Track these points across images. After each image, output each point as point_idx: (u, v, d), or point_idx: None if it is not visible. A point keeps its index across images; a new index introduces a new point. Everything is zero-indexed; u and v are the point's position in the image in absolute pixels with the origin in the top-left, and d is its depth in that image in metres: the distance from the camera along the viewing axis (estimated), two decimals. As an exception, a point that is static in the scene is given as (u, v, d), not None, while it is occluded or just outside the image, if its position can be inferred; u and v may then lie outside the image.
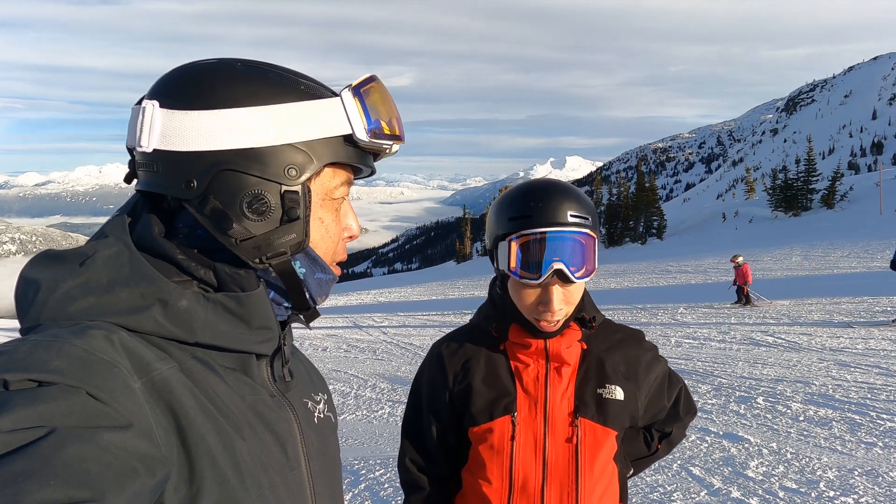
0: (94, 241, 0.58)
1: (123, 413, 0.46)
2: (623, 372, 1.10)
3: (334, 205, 0.64)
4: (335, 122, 0.60)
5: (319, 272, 0.64)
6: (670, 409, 1.21)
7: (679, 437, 1.26)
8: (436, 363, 1.15)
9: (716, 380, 5.91)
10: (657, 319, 9.99)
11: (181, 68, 0.60)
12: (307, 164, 0.59)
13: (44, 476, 0.39)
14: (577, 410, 1.06)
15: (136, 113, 0.58)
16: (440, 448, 1.15)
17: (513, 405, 1.06)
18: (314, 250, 0.63)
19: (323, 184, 0.62)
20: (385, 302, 20.22)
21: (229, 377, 0.59)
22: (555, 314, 1.02)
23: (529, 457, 1.05)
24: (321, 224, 0.63)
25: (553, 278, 1.00)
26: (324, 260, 0.64)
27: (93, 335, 0.49)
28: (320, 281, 0.64)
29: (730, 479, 3.59)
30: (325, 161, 0.60)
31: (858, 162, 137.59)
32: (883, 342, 7.06)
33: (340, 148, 0.61)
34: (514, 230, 1.01)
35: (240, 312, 0.58)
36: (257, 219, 0.58)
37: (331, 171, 0.62)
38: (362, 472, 4.14)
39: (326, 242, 0.64)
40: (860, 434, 4.25)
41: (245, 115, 0.56)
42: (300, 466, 0.63)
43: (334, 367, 8.60)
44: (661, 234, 38.35)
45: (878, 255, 16.33)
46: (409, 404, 1.20)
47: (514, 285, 1.05)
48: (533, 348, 1.08)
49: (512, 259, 1.00)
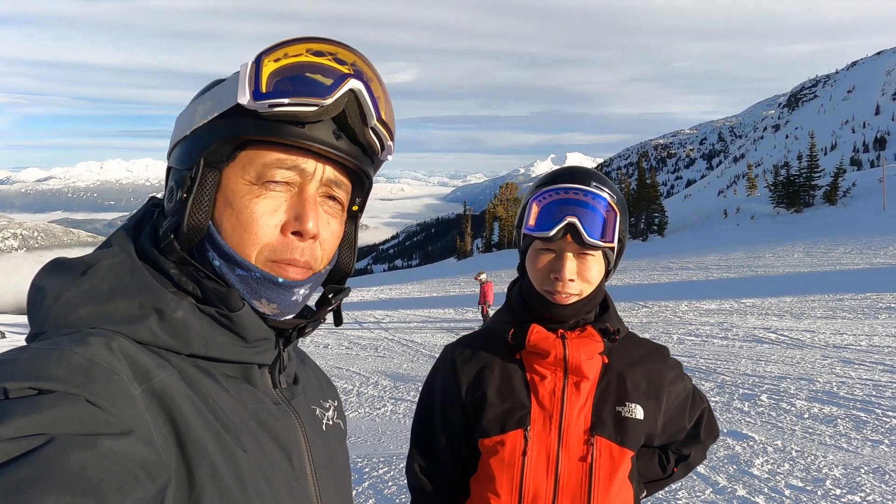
0: (99, 250, 0.58)
1: (123, 420, 0.46)
2: (644, 389, 1.07)
3: (258, 191, 0.56)
4: (226, 96, 0.56)
5: (238, 269, 0.57)
6: (690, 430, 1.18)
7: (698, 460, 1.21)
8: (449, 370, 1.13)
9: (719, 377, 5.89)
10: (659, 317, 9.99)
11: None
12: (201, 144, 0.57)
13: (45, 484, 0.39)
14: (594, 428, 1.03)
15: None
16: (450, 455, 1.12)
17: (526, 419, 1.03)
18: (224, 241, 0.57)
19: (242, 166, 0.57)
20: (386, 299, 20.23)
21: (231, 385, 0.58)
22: (566, 284, 1.00)
23: (541, 473, 1.02)
24: (231, 211, 0.56)
25: (568, 243, 0.99)
26: (238, 253, 0.56)
27: (93, 342, 0.49)
28: (244, 279, 0.57)
29: (735, 477, 3.58)
30: (218, 137, 0.56)
31: (861, 158, 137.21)
32: (887, 339, 7.04)
33: (239, 121, 0.56)
34: (538, 192, 1.03)
35: (233, 327, 0.57)
36: (169, 207, 0.59)
37: (253, 151, 0.57)
38: (366, 471, 4.13)
39: (238, 233, 0.56)
40: (866, 431, 4.24)
41: (181, 117, 0.61)
42: (306, 475, 0.62)
43: (336, 365, 8.61)
44: (662, 231, 38.32)
45: (882, 251, 16.28)
46: (420, 409, 1.18)
47: (531, 255, 1.05)
48: (551, 358, 1.04)
49: (531, 217, 1.02)
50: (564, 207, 0.99)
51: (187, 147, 0.59)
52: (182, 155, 0.59)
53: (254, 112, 0.55)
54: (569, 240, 0.99)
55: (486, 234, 54.34)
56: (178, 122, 0.62)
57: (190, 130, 0.59)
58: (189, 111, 0.60)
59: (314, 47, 0.57)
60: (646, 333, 8.26)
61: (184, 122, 0.60)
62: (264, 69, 0.55)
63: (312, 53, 0.56)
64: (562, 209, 0.99)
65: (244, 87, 0.55)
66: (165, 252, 0.58)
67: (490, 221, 53.84)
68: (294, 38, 0.57)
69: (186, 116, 0.60)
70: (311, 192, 0.58)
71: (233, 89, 0.56)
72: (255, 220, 0.56)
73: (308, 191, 0.58)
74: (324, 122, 0.57)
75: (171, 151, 0.62)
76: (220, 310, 0.56)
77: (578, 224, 0.97)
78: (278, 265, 0.57)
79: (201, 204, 0.57)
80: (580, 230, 0.98)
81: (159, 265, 0.57)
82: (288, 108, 0.55)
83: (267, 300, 0.58)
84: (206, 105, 0.58)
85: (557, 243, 1.01)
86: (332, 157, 0.59)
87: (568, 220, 0.98)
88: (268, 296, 0.58)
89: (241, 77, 0.56)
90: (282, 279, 0.58)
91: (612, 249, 1.03)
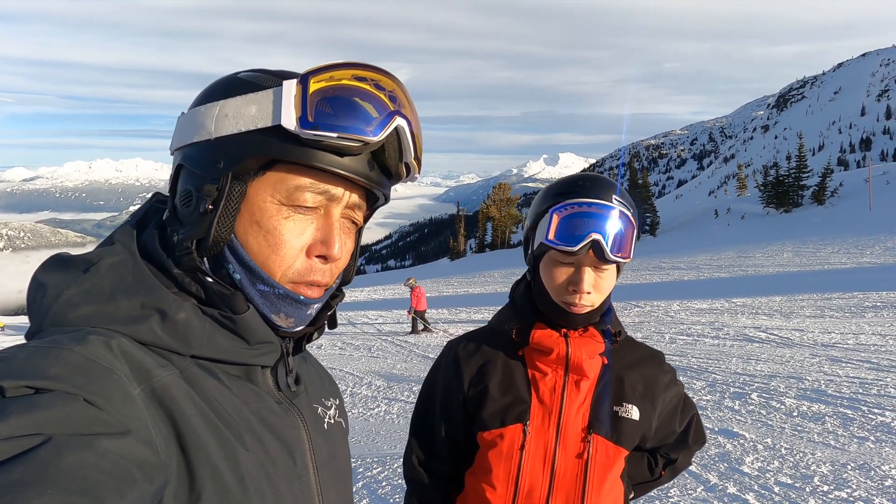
0: (101, 247, 0.57)
1: (121, 419, 0.46)
2: (640, 391, 1.09)
3: (287, 212, 0.57)
4: (264, 112, 0.55)
5: (261, 284, 0.57)
6: (680, 435, 1.20)
7: (684, 465, 1.24)
8: (451, 364, 1.14)
9: (710, 376, 5.94)
10: (651, 316, 10.05)
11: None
12: (234, 157, 0.55)
13: (41, 484, 0.39)
14: (591, 426, 1.05)
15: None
16: (448, 448, 1.14)
17: (526, 414, 1.05)
18: (251, 258, 0.57)
19: (272, 184, 0.56)
20: (379, 299, 20.18)
21: (233, 384, 0.58)
22: (583, 296, 1.01)
23: (537, 467, 1.04)
24: (258, 230, 0.56)
25: (587, 257, 1.00)
26: (264, 271, 0.57)
27: (92, 341, 0.49)
28: (265, 294, 0.57)
29: (726, 475, 3.62)
30: (252, 154, 0.55)
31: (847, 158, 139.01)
32: (873, 337, 7.14)
33: (277, 142, 0.54)
34: (558, 202, 1.03)
35: (236, 330, 0.57)
36: (184, 213, 0.58)
37: (284, 173, 0.56)
38: (360, 471, 4.13)
39: (267, 252, 0.56)
40: (853, 429, 4.30)
41: (198, 112, 0.58)
42: (308, 474, 0.62)
43: (329, 365, 8.58)
44: (653, 231, 38.57)
45: (868, 251, 16.51)
46: (421, 402, 1.19)
47: (547, 264, 1.04)
48: (553, 355, 1.06)
49: (552, 230, 1.01)
50: (588, 222, 0.99)
51: (211, 153, 0.56)
52: (203, 160, 0.56)
53: (293, 135, 0.54)
54: (590, 254, 1.00)
55: (480, 235, 54.38)
56: (193, 118, 0.58)
57: (214, 135, 0.56)
58: (209, 111, 0.57)
59: (359, 73, 0.56)
60: (638, 333, 8.31)
61: (202, 121, 0.57)
62: (311, 94, 0.54)
63: (356, 79, 0.56)
64: (585, 224, 0.99)
65: (289, 109, 0.54)
66: (179, 260, 0.57)
67: (483, 222, 53.88)
68: (340, 62, 0.57)
69: (206, 116, 0.57)
70: (336, 217, 0.59)
71: (272, 106, 0.54)
72: (284, 243, 0.57)
73: (334, 215, 0.59)
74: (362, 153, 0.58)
75: (180, 147, 0.59)
76: (224, 312, 0.56)
77: (602, 242, 0.98)
78: (300, 286, 0.58)
79: (227, 218, 0.56)
80: (604, 247, 0.98)
81: (163, 265, 0.57)
82: (334, 142, 0.54)
83: (285, 315, 0.59)
84: (236, 111, 0.55)
85: (578, 257, 1.01)
86: (361, 185, 0.59)
87: (593, 238, 0.98)
88: (286, 311, 0.59)
89: (284, 95, 0.54)
90: (303, 297, 0.59)
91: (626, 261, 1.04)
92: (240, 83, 0.58)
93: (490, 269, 24.23)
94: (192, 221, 0.56)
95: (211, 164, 0.56)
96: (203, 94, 0.59)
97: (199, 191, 0.56)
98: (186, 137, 0.58)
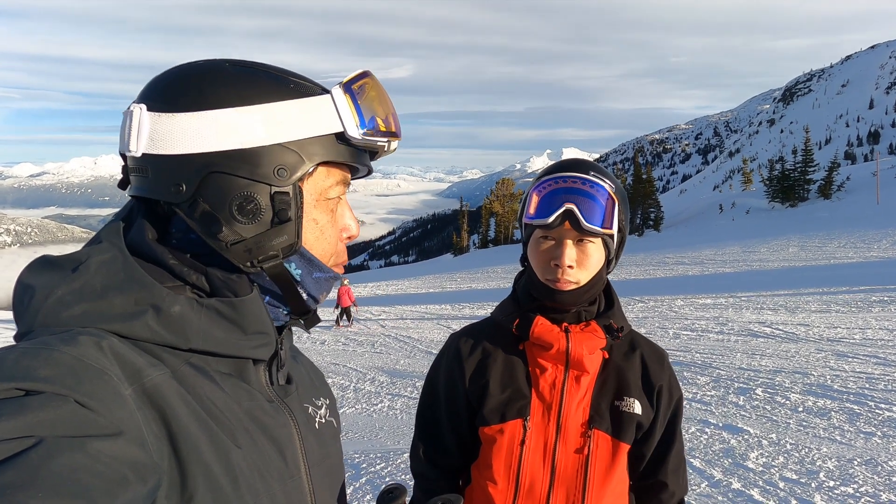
0: (88, 246, 0.57)
1: (113, 421, 0.45)
2: (641, 386, 1.09)
3: (329, 205, 0.63)
4: (326, 120, 0.59)
5: (317, 272, 0.63)
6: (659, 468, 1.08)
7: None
8: (453, 357, 1.14)
9: (714, 371, 5.92)
10: (655, 311, 10.03)
11: (169, 71, 0.59)
12: (298, 165, 0.58)
13: (33, 487, 0.38)
14: (592, 421, 1.04)
15: (125, 117, 0.58)
16: (454, 441, 1.14)
17: (526, 409, 1.05)
18: (310, 252, 0.62)
19: (316, 184, 0.61)
20: (382, 295, 20.22)
21: (225, 383, 0.58)
22: (565, 271, 1.02)
23: (538, 463, 1.03)
24: (315, 225, 0.62)
25: (567, 230, 1.01)
26: (321, 261, 0.63)
27: (82, 342, 0.48)
28: (318, 280, 0.64)
29: (730, 471, 3.61)
30: (316, 160, 0.59)
31: (855, 152, 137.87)
32: (880, 332, 7.09)
33: (332, 147, 0.60)
34: (539, 182, 1.06)
35: (234, 318, 0.57)
36: (247, 221, 0.57)
37: (324, 171, 0.61)
38: (363, 466, 4.14)
39: (322, 244, 0.63)
40: (859, 424, 4.27)
41: (232, 116, 0.56)
42: (300, 473, 0.62)
43: (333, 361, 8.61)
44: (658, 226, 38.43)
45: (875, 245, 16.39)
46: (424, 395, 1.19)
47: (532, 245, 1.07)
48: (554, 351, 1.05)
49: (531, 206, 1.04)
50: (563, 196, 1.01)
51: (271, 158, 0.56)
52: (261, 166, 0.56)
53: (347, 140, 0.60)
54: (567, 227, 1.01)
55: (483, 230, 54.36)
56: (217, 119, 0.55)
57: (270, 142, 0.56)
58: (249, 116, 0.55)
59: (366, 81, 0.63)
60: (642, 328, 8.29)
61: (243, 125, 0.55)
62: (362, 102, 0.61)
63: (369, 87, 0.63)
64: (560, 197, 1.02)
65: (349, 117, 0.59)
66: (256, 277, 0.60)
67: (486, 217, 53.85)
68: (360, 72, 0.63)
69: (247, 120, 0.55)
70: (347, 201, 0.67)
71: (335, 114, 0.59)
72: (332, 234, 0.64)
73: (346, 201, 0.67)
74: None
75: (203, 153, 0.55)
76: (226, 296, 0.57)
77: (576, 210, 1.00)
78: (338, 266, 0.67)
79: (300, 223, 0.60)
80: (578, 216, 1.00)
81: (156, 258, 0.57)
82: (378, 139, 0.62)
83: (326, 292, 0.67)
84: (290, 118, 0.57)
85: (557, 231, 1.03)
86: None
87: (566, 207, 1.00)
88: (328, 289, 0.66)
89: (339, 104, 0.59)
90: (339, 274, 0.67)
91: (612, 237, 1.05)
92: (282, 87, 0.58)
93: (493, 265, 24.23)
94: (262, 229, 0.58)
95: (276, 171, 0.57)
96: (205, 95, 0.55)
97: (271, 198, 0.58)
98: (214, 143, 0.55)
